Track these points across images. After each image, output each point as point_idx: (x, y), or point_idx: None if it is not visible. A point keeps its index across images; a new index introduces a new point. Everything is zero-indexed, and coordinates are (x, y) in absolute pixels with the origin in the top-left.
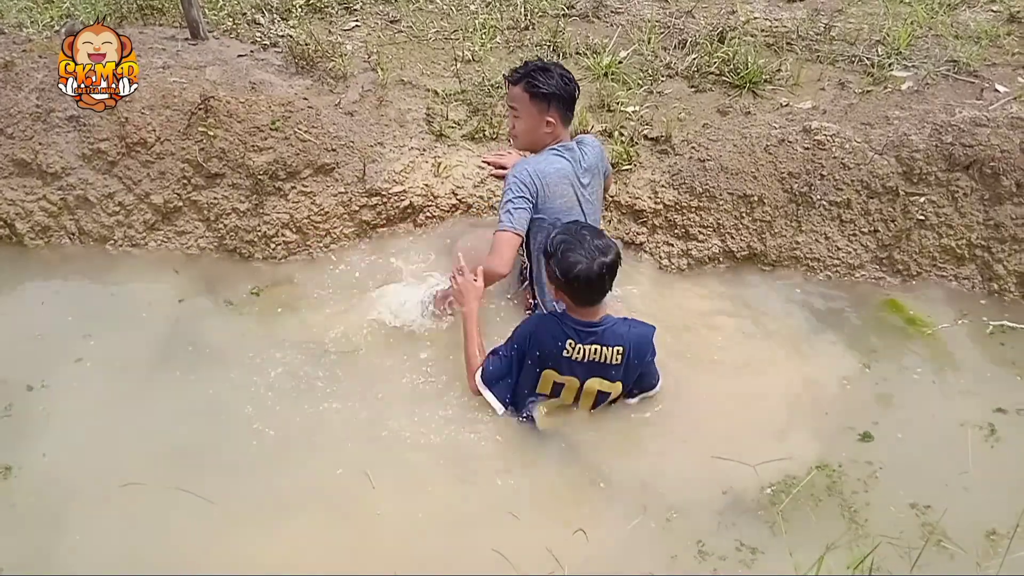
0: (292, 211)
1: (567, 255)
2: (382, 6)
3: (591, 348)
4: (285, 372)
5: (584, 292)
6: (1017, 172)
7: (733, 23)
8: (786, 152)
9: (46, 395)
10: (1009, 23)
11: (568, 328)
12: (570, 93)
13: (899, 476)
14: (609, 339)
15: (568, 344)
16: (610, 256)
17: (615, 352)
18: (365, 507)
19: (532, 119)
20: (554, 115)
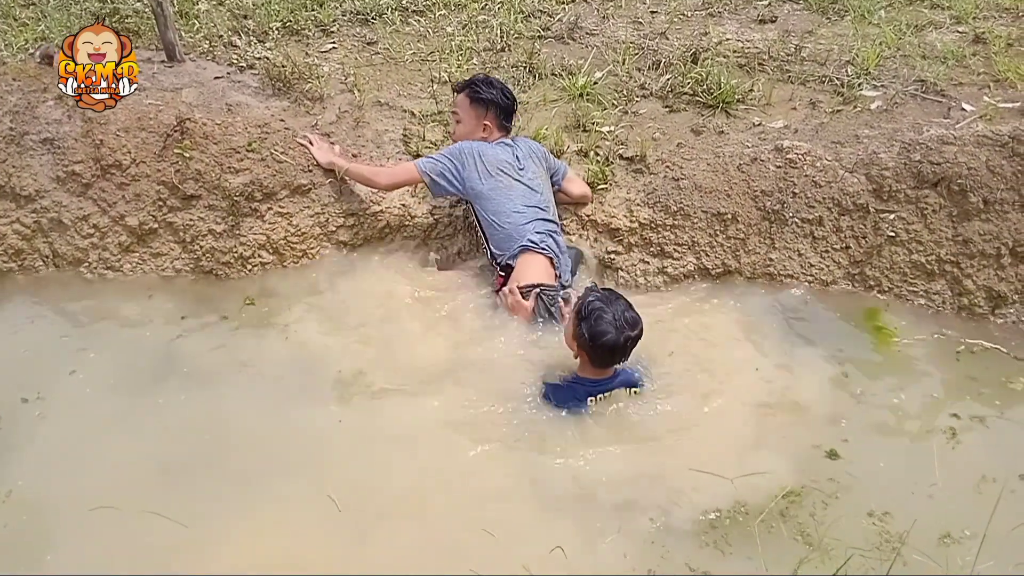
0: (269, 232)
1: (598, 322)
2: (359, 28)
3: (608, 395)
4: (270, 390)
5: (605, 358)
6: (984, 189)
7: (706, 44)
8: (759, 170)
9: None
10: (974, 43)
11: (588, 389)
12: (507, 104)
13: (869, 488)
14: (622, 385)
15: (589, 401)
16: (636, 331)
17: (631, 393)
18: (340, 530)
19: (471, 122)
20: (491, 120)
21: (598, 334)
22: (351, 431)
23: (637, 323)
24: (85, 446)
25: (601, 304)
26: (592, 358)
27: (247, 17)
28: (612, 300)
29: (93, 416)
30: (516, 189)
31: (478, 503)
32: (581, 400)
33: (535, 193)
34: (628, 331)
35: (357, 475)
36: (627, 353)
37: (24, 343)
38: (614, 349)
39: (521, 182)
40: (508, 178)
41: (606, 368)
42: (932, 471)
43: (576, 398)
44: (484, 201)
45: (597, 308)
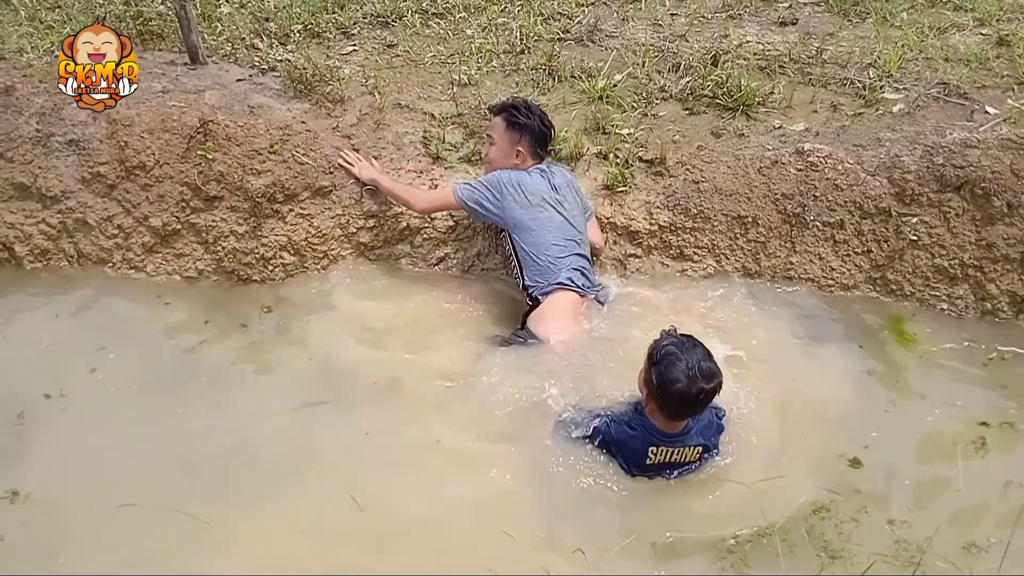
0: (290, 233)
1: (670, 369)
2: (379, 31)
3: (673, 451)
4: (290, 393)
5: (674, 408)
6: (1008, 193)
7: (726, 47)
8: (779, 173)
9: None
10: (998, 46)
11: (652, 436)
12: (543, 132)
13: (892, 496)
14: (690, 441)
15: (651, 451)
16: (712, 384)
17: (694, 451)
18: (359, 530)
19: (504, 147)
20: (524, 146)
21: (668, 381)
22: (373, 438)
23: (714, 376)
24: (104, 445)
25: (676, 350)
26: (661, 406)
27: (269, 20)
28: (689, 347)
29: (113, 415)
30: (555, 220)
31: (497, 509)
32: (640, 446)
33: (571, 227)
34: (702, 383)
35: (378, 480)
36: (699, 407)
37: (47, 340)
38: (683, 399)
39: (561, 213)
40: (549, 209)
41: (677, 420)
42: (957, 478)
43: (636, 441)
44: (523, 232)
45: (671, 354)
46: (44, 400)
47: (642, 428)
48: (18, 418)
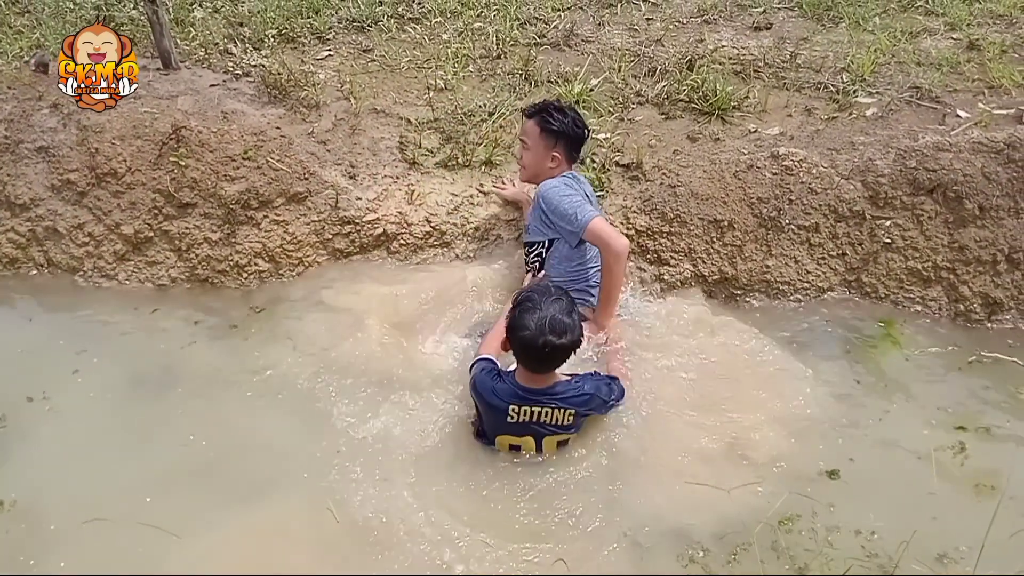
0: (265, 240)
1: (522, 316)
2: (355, 36)
3: (538, 411)
4: (268, 401)
5: (523, 357)
6: (979, 196)
7: (701, 51)
8: (755, 177)
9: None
10: (968, 50)
11: (512, 391)
12: (579, 135)
13: (870, 501)
14: (557, 402)
15: (511, 409)
16: (562, 339)
17: (567, 414)
18: (337, 539)
19: (540, 152)
20: (560, 151)
21: (517, 327)
22: (352, 445)
23: (566, 331)
24: (84, 453)
25: (536, 298)
26: (516, 355)
27: (243, 25)
28: (551, 300)
29: (91, 422)
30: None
31: (478, 518)
32: (503, 400)
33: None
34: (550, 335)
35: (358, 489)
36: (548, 360)
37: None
38: (530, 348)
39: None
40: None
41: (533, 372)
42: (936, 483)
43: (496, 393)
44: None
45: (529, 300)
46: (27, 403)
47: (508, 384)
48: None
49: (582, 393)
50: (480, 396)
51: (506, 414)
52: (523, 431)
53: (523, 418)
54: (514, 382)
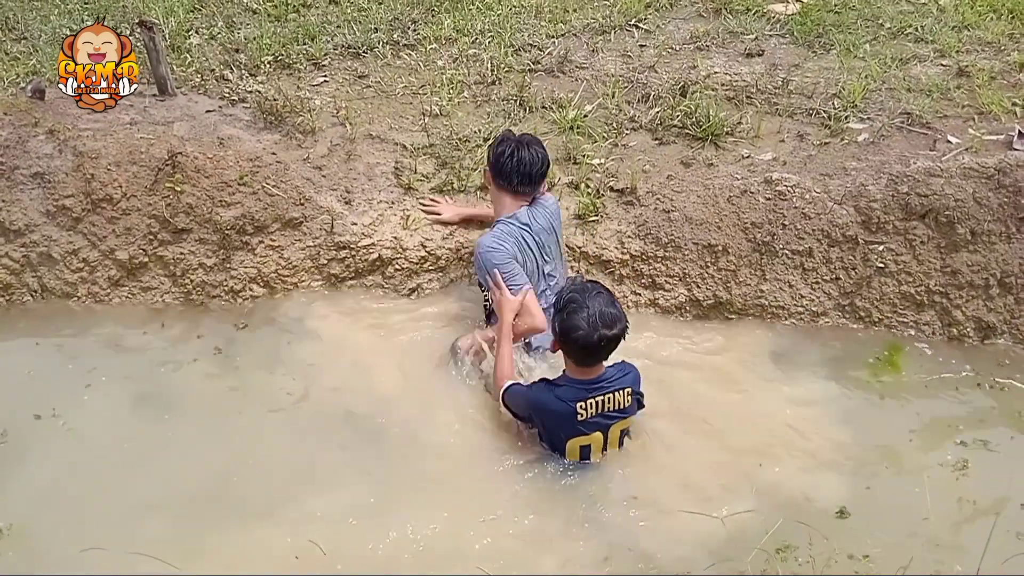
0: (260, 265)
1: (571, 317)
2: (350, 62)
3: (603, 399)
4: (259, 426)
5: (581, 355)
6: (971, 220)
7: (694, 77)
8: (748, 202)
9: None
10: (958, 76)
11: (574, 390)
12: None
13: (867, 523)
14: (616, 385)
15: (579, 407)
16: (614, 330)
17: (625, 394)
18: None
19: (491, 189)
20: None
21: (569, 328)
22: (344, 472)
23: (616, 321)
24: (84, 476)
25: (579, 297)
26: (570, 355)
27: (239, 51)
28: (592, 294)
29: (94, 443)
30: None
31: (464, 544)
32: (569, 403)
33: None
34: (603, 329)
35: (350, 517)
36: (604, 352)
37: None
38: (588, 346)
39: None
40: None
41: (588, 367)
42: (939, 507)
43: (560, 398)
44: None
45: (574, 301)
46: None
47: (567, 386)
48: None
49: (627, 371)
50: (544, 409)
51: (575, 414)
52: (592, 427)
53: (591, 412)
54: (570, 381)
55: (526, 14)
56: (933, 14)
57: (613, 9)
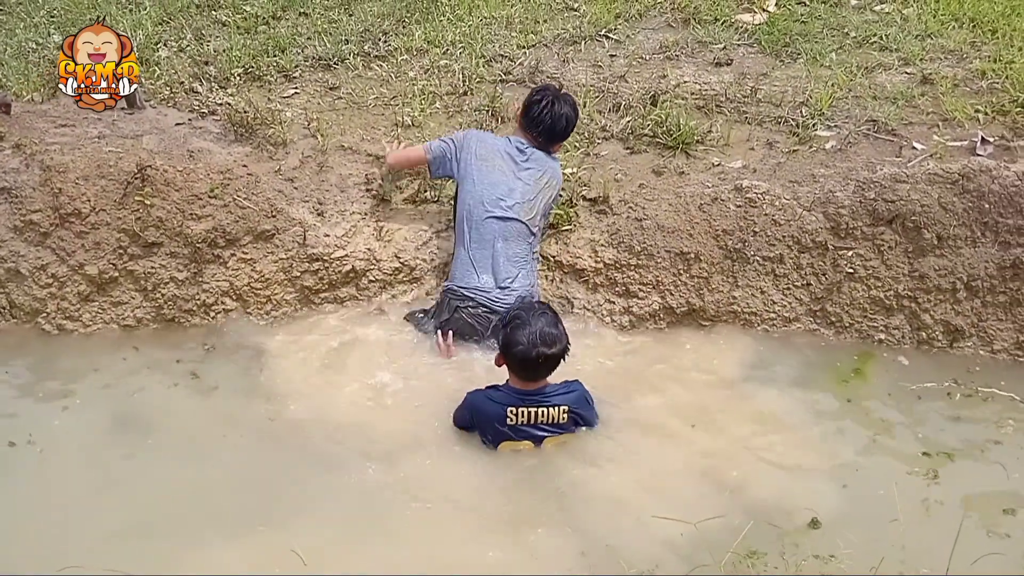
0: (232, 279)
1: (514, 332)
2: (321, 73)
3: (535, 411)
4: (237, 446)
5: (520, 369)
6: (937, 225)
7: (664, 87)
8: (720, 210)
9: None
10: (922, 84)
11: (508, 396)
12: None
13: (837, 529)
14: (552, 400)
15: (509, 411)
16: (553, 349)
17: (560, 411)
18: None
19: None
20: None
21: (510, 343)
22: (317, 488)
23: (555, 341)
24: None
25: (524, 315)
26: (511, 367)
27: (208, 63)
28: (537, 314)
29: (69, 467)
30: (505, 182)
31: (435, 553)
32: (500, 404)
33: (527, 186)
34: (542, 347)
35: (327, 532)
36: (542, 369)
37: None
38: (525, 360)
39: (515, 174)
40: (503, 168)
41: (528, 381)
42: (908, 510)
43: (492, 399)
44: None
45: (518, 318)
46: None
47: (503, 391)
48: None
49: (571, 390)
50: (477, 408)
51: (505, 416)
52: (522, 435)
53: (521, 419)
54: (509, 389)
55: (497, 25)
56: (897, 23)
57: (583, 20)
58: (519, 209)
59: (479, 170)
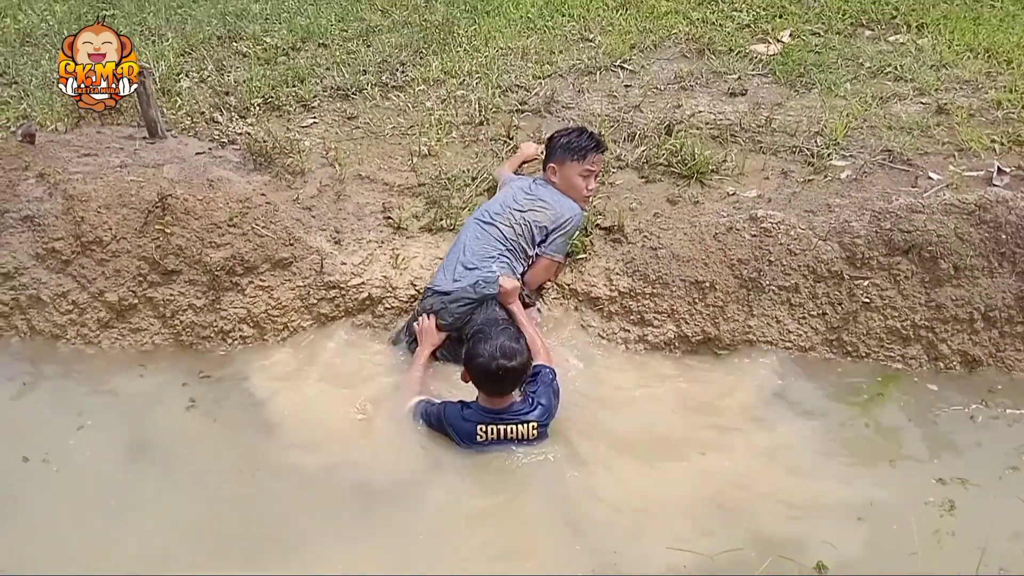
0: (249, 306)
1: (476, 345)
2: (339, 103)
3: (505, 428)
4: (255, 469)
5: (482, 382)
6: (953, 256)
7: (679, 116)
8: (735, 239)
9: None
10: (938, 114)
11: (477, 414)
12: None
13: (852, 561)
14: (520, 418)
15: (480, 429)
16: (513, 362)
17: (529, 427)
18: None
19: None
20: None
21: (471, 356)
22: (332, 521)
23: (516, 354)
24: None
25: (485, 330)
26: (475, 382)
27: (228, 94)
28: (499, 328)
29: (84, 488)
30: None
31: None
32: (472, 422)
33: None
34: (502, 360)
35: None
36: (503, 382)
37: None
38: (485, 372)
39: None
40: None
41: (493, 396)
42: (926, 541)
43: (465, 417)
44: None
45: (480, 332)
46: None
47: (473, 409)
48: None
49: (538, 405)
50: (452, 424)
51: (475, 434)
52: (493, 451)
53: (491, 436)
54: (478, 407)
55: (513, 56)
56: (912, 53)
57: (598, 51)
58: (500, 217)
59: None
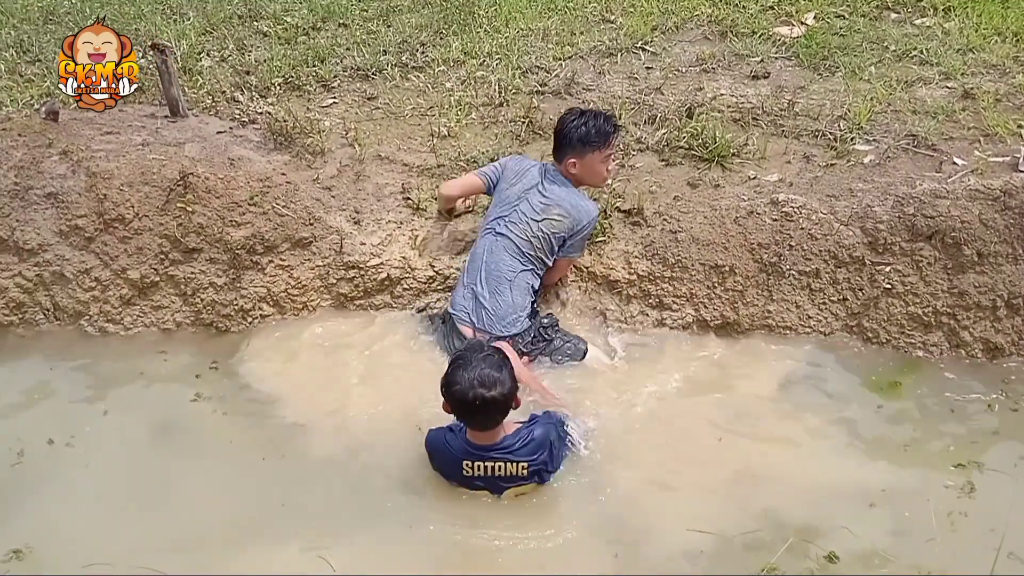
0: (269, 285)
1: (454, 372)
2: (359, 83)
3: (493, 465)
4: (267, 448)
5: (460, 412)
6: (977, 242)
7: (701, 99)
8: (755, 223)
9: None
10: (963, 99)
11: (464, 448)
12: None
13: (874, 544)
14: (510, 457)
15: (465, 464)
16: (491, 392)
17: (519, 467)
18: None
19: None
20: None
21: (449, 383)
22: (342, 503)
23: (495, 384)
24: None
25: (466, 355)
26: (454, 413)
27: (249, 73)
28: (481, 356)
29: (108, 468)
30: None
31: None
32: (456, 455)
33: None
34: (479, 389)
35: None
36: (483, 414)
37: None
38: (462, 402)
39: (526, 198)
40: (519, 193)
41: (476, 429)
42: (944, 527)
43: (449, 445)
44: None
45: (459, 359)
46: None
47: (460, 440)
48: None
49: (530, 440)
50: (435, 450)
51: (460, 468)
52: (480, 485)
53: (478, 472)
54: (465, 439)
55: (533, 37)
56: (938, 37)
57: (619, 32)
58: (516, 228)
59: (501, 190)
